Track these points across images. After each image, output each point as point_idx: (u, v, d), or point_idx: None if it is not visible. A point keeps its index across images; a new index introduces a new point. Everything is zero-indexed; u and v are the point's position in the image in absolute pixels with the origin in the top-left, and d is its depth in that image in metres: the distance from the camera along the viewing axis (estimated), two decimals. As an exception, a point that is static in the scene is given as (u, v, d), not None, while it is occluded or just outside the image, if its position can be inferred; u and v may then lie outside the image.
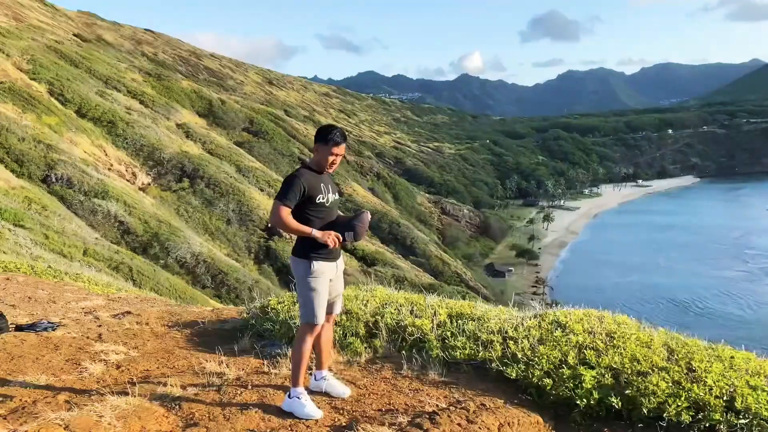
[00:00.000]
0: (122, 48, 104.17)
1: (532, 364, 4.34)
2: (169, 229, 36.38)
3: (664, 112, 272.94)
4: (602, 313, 5.86)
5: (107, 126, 47.54)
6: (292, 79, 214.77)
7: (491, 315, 5.50)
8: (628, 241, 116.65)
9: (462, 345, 4.74)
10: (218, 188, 47.72)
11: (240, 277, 35.72)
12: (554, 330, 5.00)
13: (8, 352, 5.01)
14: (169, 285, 28.00)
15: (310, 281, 3.92)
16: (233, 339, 5.70)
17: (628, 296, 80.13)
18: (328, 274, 4.00)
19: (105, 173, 40.17)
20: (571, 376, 4.17)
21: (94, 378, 4.44)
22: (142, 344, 5.53)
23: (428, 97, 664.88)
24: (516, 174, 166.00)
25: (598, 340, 4.76)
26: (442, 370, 4.49)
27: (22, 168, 33.98)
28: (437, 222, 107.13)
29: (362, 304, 5.74)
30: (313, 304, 3.92)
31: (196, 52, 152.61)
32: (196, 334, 6.03)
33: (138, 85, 63.08)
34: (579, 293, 79.14)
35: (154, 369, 4.72)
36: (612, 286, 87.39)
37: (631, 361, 4.37)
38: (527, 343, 4.62)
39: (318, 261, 3.93)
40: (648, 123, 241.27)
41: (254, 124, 75.76)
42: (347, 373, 4.53)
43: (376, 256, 55.31)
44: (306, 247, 3.94)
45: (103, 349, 5.21)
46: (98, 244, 28.74)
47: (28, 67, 47.90)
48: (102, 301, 9.10)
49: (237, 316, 6.81)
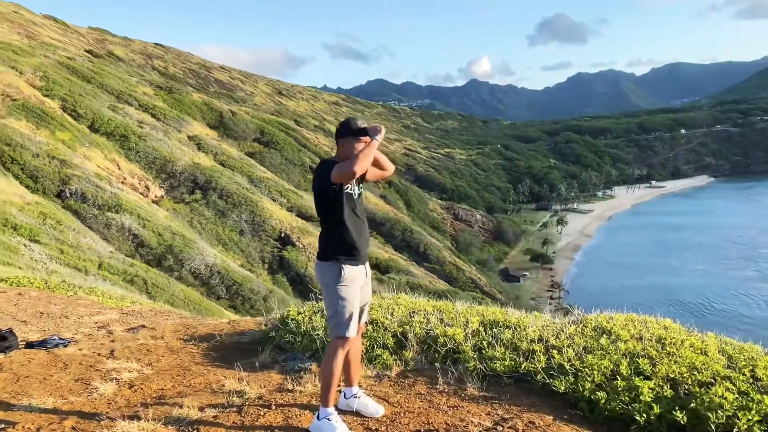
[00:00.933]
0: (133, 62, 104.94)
1: (582, 375, 3.95)
2: (182, 241, 36.25)
3: (676, 112, 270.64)
4: (645, 318, 5.47)
5: (120, 140, 47.65)
6: (302, 88, 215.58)
7: (527, 322, 5.12)
8: (642, 243, 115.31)
9: (501, 356, 4.36)
10: (231, 199, 47.61)
11: (254, 287, 35.47)
12: (599, 337, 4.62)
13: (14, 372, 4.69)
14: (184, 297, 27.82)
15: (340, 289, 3.56)
16: (252, 353, 5.37)
17: (644, 298, 78.96)
18: (358, 280, 3.65)
19: (118, 187, 40.18)
20: (626, 388, 3.77)
21: (104, 399, 4.10)
22: (157, 360, 5.20)
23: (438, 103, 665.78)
24: (528, 178, 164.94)
25: (649, 347, 4.37)
26: (481, 384, 4.10)
27: (36, 184, 34.05)
28: (450, 228, 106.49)
29: (388, 313, 5.39)
30: (344, 315, 3.55)
31: (206, 65, 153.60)
32: (213, 348, 5.71)
33: (149, 98, 63.30)
34: (595, 296, 78.05)
35: (169, 388, 4.38)
36: (628, 288, 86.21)
37: (690, 369, 3.98)
38: (573, 352, 4.24)
39: (348, 265, 3.59)
40: (660, 123, 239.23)
41: (265, 134, 75.77)
42: (378, 389, 4.15)
43: (390, 263, 54.91)
44: (334, 247, 3.60)
45: (115, 367, 4.88)
46: (113, 257, 28.64)
47: (41, 83, 48.17)
48: (116, 314, 8.81)
49: (255, 327, 6.48)
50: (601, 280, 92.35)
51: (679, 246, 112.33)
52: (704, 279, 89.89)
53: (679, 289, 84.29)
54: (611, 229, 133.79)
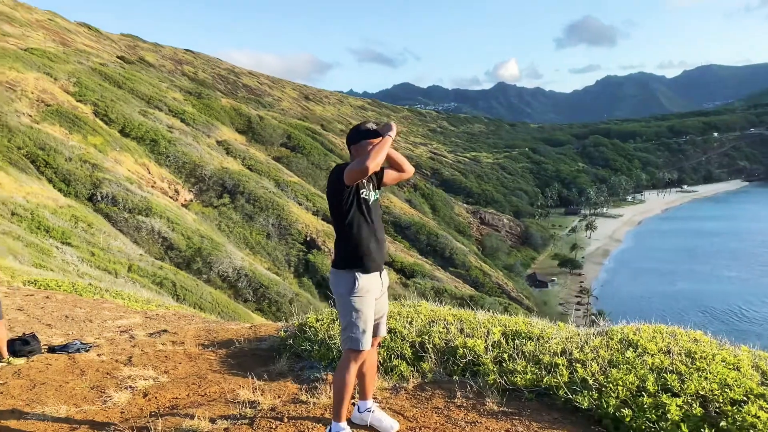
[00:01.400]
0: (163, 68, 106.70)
1: (606, 391, 3.78)
2: (211, 244, 36.60)
3: (709, 115, 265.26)
4: (674, 329, 5.25)
5: (150, 144, 48.40)
6: (328, 93, 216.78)
7: (551, 333, 4.95)
8: (673, 248, 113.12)
9: (522, 369, 4.20)
10: (258, 203, 47.98)
11: (280, 290, 35.63)
12: (625, 350, 4.43)
13: (32, 379, 4.69)
14: (212, 299, 28.04)
15: (354, 301, 3.44)
16: (270, 360, 5.30)
17: (674, 306, 77.44)
18: (373, 291, 3.52)
19: (148, 191, 40.78)
20: (653, 406, 3.59)
21: (117, 408, 4.06)
22: (173, 368, 5.16)
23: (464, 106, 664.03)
24: (556, 182, 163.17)
25: (677, 361, 4.17)
26: (500, 398, 3.95)
27: (69, 187, 34.74)
28: (476, 232, 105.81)
29: (406, 322, 5.26)
30: (357, 327, 3.43)
31: (235, 71, 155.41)
32: (231, 355, 5.65)
33: (179, 104, 64.24)
34: (625, 303, 76.86)
35: (183, 397, 4.32)
36: (659, 294, 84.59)
37: (721, 386, 3.77)
38: (597, 366, 4.07)
39: (362, 274, 3.47)
40: (692, 126, 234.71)
41: (292, 139, 76.30)
42: (394, 402, 4.03)
43: (415, 267, 54.71)
44: (348, 255, 3.49)
45: (131, 374, 4.85)
46: (142, 260, 29.01)
47: (75, 89, 49.22)
48: (139, 318, 8.84)
49: (275, 333, 6.42)
50: (631, 286, 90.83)
51: (710, 252, 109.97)
52: (736, 286, 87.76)
53: (710, 297, 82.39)
54: (641, 234, 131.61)
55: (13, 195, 27.24)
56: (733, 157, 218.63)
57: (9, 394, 4.38)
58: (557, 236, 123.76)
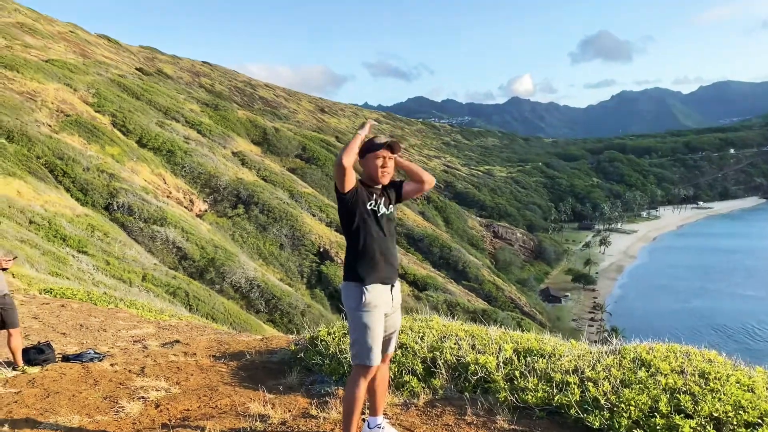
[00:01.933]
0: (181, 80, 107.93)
1: (618, 411, 3.74)
2: (224, 254, 36.77)
3: (725, 132, 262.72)
4: (688, 348, 5.18)
5: (166, 155, 48.89)
6: (343, 106, 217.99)
7: (563, 350, 4.91)
8: (688, 265, 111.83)
9: (534, 387, 4.17)
10: (272, 214, 48.19)
11: (293, 301, 35.66)
12: (637, 369, 4.38)
13: (45, 388, 4.74)
14: (224, 310, 28.12)
15: (362, 315, 3.43)
16: (281, 373, 5.30)
17: (688, 324, 76.39)
18: (383, 306, 3.51)
19: (164, 201, 41.14)
20: (666, 427, 3.55)
21: (130, 419, 4.08)
22: (185, 379, 5.18)
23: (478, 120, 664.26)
24: (570, 197, 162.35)
25: (691, 382, 4.12)
26: (511, 416, 3.93)
27: (86, 196, 35.15)
28: (489, 246, 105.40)
29: (418, 338, 5.25)
30: (365, 342, 3.42)
31: (251, 83, 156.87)
32: (242, 367, 5.67)
33: (196, 115, 64.91)
34: (639, 320, 75.99)
35: (194, 408, 4.34)
36: (673, 312, 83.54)
37: (735, 408, 3.72)
38: (609, 386, 4.02)
39: (370, 288, 3.46)
40: (708, 143, 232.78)
41: (307, 150, 76.72)
42: (404, 419, 4.02)
43: (428, 280, 54.55)
44: (356, 268, 3.49)
45: (143, 385, 4.88)
46: (157, 269, 29.20)
47: (94, 100, 49.94)
48: (152, 329, 8.90)
49: (286, 346, 6.42)
50: (645, 302, 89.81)
51: (726, 269, 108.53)
52: (752, 305, 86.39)
53: (724, 315, 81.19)
54: (656, 251, 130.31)
55: (31, 203, 27.60)
56: (750, 173, 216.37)
57: (23, 403, 4.43)
58: (571, 251, 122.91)
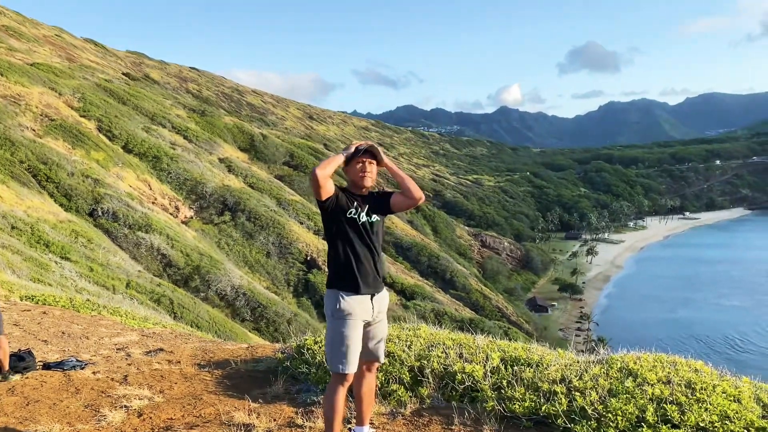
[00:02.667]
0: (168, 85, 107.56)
1: (605, 421, 3.76)
2: (210, 261, 36.55)
3: (711, 143, 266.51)
4: (675, 358, 5.22)
5: (152, 161, 48.59)
6: (332, 113, 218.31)
7: (550, 360, 4.93)
8: (674, 275, 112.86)
9: (521, 396, 4.18)
10: (258, 221, 48.01)
11: (279, 310, 35.47)
12: (624, 379, 4.40)
13: (25, 396, 4.66)
14: (209, 318, 27.89)
15: (338, 323, 3.44)
16: (267, 382, 5.27)
17: (676, 333, 77.00)
18: (361, 314, 3.49)
19: (149, 207, 40.85)
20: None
21: (112, 428, 4.03)
22: (169, 388, 5.13)
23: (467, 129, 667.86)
24: (558, 206, 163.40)
25: (678, 392, 4.15)
26: (498, 426, 3.93)
27: (70, 202, 34.81)
28: (477, 255, 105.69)
29: (405, 346, 5.24)
30: (337, 350, 3.42)
31: (239, 89, 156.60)
32: (227, 376, 5.63)
33: (182, 121, 64.64)
34: (625, 329, 76.44)
35: (178, 417, 4.30)
36: (659, 322, 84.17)
37: (722, 418, 3.75)
38: (596, 396, 4.04)
39: (346, 296, 3.46)
40: (694, 154, 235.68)
41: (294, 157, 76.60)
42: (390, 428, 4.00)
43: (416, 289, 54.54)
44: (333, 275, 3.53)
45: (126, 394, 4.83)
46: (141, 276, 28.94)
47: (79, 104, 49.57)
48: (136, 336, 8.81)
49: (272, 354, 6.38)
50: (632, 312, 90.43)
51: (712, 279, 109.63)
52: (737, 315, 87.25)
53: (710, 325, 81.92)
54: (643, 261, 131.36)
55: (14, 209, 27.29)
56: (736, 185, 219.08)
57: (2, 411, 4.36)
58: (558, 261, 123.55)
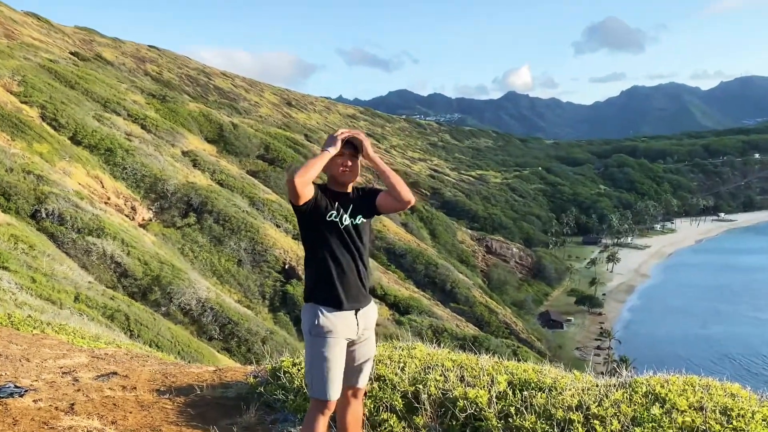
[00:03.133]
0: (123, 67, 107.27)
1: (628, 454, 3.77)
2: (172, 271, 36.41)
3: (749, 133, 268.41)
4: (708, 381, 5.26)
5: (105, 154, 48.37)
6: (314, 99, 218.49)
7: (565, 383, 4.94)
8: (707, 285, 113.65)
9: (532, 425, 4.18)
10: (229, 224, 47.91)
11: (252, 327, 35.41)
12: (650, 405, 4.42)
13: (-46, 429, 4.62)
14: (171, 336, 27.79)
15: (317, 341, 3.45)
16: (237, 410, 5.26)
17: (708, 352, 77.60)
18: (344, 331, 3.50)
19: (101, 208, 40.64)
20: (683, 472, 3.58)
21: (55, 465, 4.00)
22: (123, 418, 5.10)
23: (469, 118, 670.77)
24: (574, 206, 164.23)
25: (711, 419, 4.17)
26: (505, 460, 3.93)
27: (9, 202, 34.54)
28: (481, 263, 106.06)
29: (398, 368, 5.24)
30: (318, 373, 3.43)
31: (206, 71, 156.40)
32: (191, 404, 5.60)
33: (140, 107, 64.45)
34: (651, 348, 76.94)
35: (133, 453, 4.27)
36: (691, 339, 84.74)
37: (761, 450, 3.77)
38: (618, 424, 4.06)
39: (325, 311, 3.46)
40: (730, 146, 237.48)
41: (270, 150, 76.55)
42: (381, 463, 4.00)
43: (411, 302, 54.61)
44: (310, 287, 3.54)
45: (72, 425, 4.80)
46: (91, 288, 28.76)
47: (19, 89, 49.27)
48: (85, 358, 8.75)
49: (243, 378, 6.37)
50: (659, 328, 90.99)
51: (750, 290, 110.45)
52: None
53: (748, 342, 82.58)
54: (671, 268, 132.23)
55: (-57, 210, 27.08)
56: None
57: (-73, 446, 4.32)
58: (574, 269, 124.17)
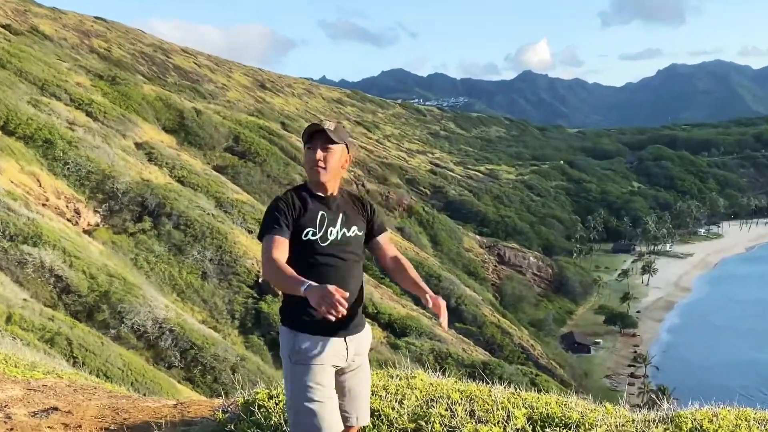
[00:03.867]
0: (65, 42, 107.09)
1: (672, 502, 3.77)
2: (123, 286, 36.41)
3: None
4: (765, 414, 5.30)
5: (42, 146, 48.32)
6: (292, 81, 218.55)
7: (594, 418, 4.95)
8: (761, 300, 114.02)
9: (556, 469, 4.19)
10: (191, 229, 47.90)
11: (219, 352, 35.43)
12: (697, 444, 4.45)
13: None
14: (123, 364, 27.80)
15: (297, 370, 3.44)
16: (203, 452, 5.25)
17: (762, 379, 77.77)
18: (331, 358, 3.49)
19: (38, 210, 40.59)
20: None
21: None
22: (66, 462, 5.08)
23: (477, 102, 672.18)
24: (602, 207, 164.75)
25: (769, 461, 4.19)
26: None
27: (-74, 204, 34.50)
28: (492, 275, 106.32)
29: (396, 401, 5.25)
30: (301, 407, 3.40)
31: (163, 47, 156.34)
32: (147, 446, 5.60)
33: (85, 91, 64.40)
34: (695, 375, 77.17)
35: (78, 504, 4.25)
36: (742, 364, 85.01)
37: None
38: (658, 467, 4.07)
39: (305, 336, 3.45)
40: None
41: (241, 141, 76.62)
42: None
43: (409, 322, 54.62)
44: (287, 308, 3.52)
45: (4, 472, 4.77)
46: (27, 307, 28.74)
47: (-60, 68, 49.20)
48: (19, 391, 8.72)
49: (210, 414, 6.36)
50: (703, 351, 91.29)
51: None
52: None
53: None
54: (718, 281, 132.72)
55: None
56: None
57: None
58: (602, 282, 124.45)
